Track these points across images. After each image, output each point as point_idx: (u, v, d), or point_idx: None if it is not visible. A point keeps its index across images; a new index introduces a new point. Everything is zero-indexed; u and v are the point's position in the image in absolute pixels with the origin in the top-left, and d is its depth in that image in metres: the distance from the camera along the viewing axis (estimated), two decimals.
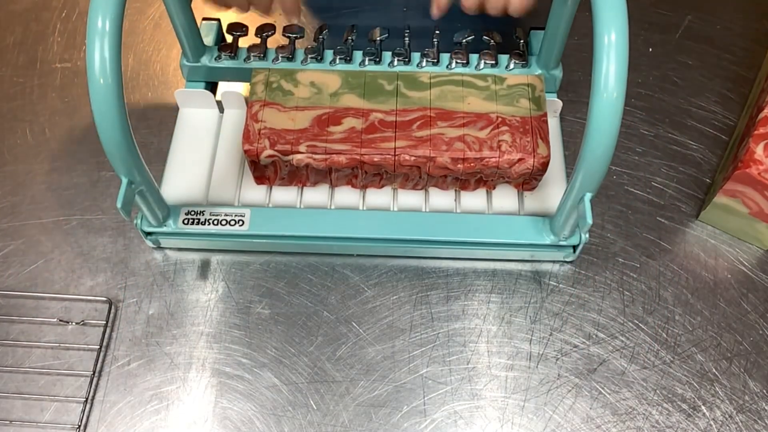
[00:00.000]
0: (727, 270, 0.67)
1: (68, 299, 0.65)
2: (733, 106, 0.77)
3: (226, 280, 0.66)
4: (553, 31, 0.67)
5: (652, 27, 0.83)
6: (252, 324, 0.64)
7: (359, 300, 0.65)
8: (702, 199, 0.71)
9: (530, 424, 0.60)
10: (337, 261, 0.67)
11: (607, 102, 0.49)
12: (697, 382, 0.61)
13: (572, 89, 0.75)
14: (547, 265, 0.67)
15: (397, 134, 0.63)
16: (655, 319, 0.64)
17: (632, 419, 0.60)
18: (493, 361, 0.62)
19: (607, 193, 0.71)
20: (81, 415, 0.59)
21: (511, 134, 0.63)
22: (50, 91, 0.78)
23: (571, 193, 0.57)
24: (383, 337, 0.63)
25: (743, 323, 0.64)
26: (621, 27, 0.47)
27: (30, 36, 0.82)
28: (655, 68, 0.79)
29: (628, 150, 0.74)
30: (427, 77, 0.66)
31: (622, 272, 0.67)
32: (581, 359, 0.62)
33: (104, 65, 0.49)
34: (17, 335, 0.63)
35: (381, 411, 0.60)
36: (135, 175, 0.56)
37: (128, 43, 0.81)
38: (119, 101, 0.51)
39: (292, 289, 0.66)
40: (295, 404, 0.60)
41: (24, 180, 0.72)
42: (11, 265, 0.67)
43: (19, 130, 0.75)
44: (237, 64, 0.73)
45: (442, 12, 0.61)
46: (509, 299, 0.65)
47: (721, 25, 0.83)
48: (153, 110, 0.76)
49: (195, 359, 0.62)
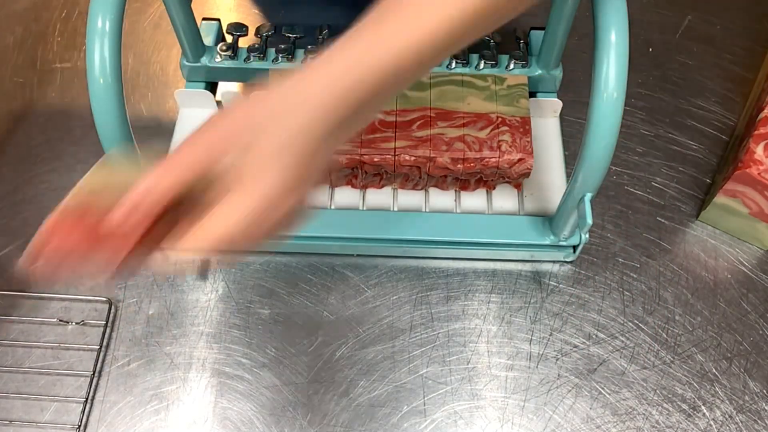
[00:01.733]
0: (727, 270, 0.67)
1: (68, 299, 0.65)
2: (733, 106, 0.77)
3: (226, 280, 0.66)
4: (553, 31, 0.67)
5: (652, 27, 0.83)
6: (252, 324, 0.64)
7: (359, 300, 0.65)
8: (702, 199, 0.71)
9: (530, 424, 0.60)
10: (337, 261, 0.67)
11: (607, 102, 0.49)
12: (697, 382, 0.61)
13: (572, 89, 0.75)
14: (547, 265, 0.67)
15: (397, 134, 0.63)
16: (655, 319, 0.64)
17: (632, 419, 0.60)
18: (493, 361, 0.62)
19: (607, 193, 0.71)
20: (81, 415, 0.59)
21: (511, 134, 0.63)
22: (50, 91, 0.78)
23: (571, 193, 0.57)
24: (383, 337, 0.63)
25: (743, 323, 0.64)
26: (621, 27, 0.48)
27: (30, 36, 0.82)
28: (655, 68, 0.79)
29: (628, 150, 0.74)
30: (427, 77, 0.66)
31: (622, 272, 0.67)
32: (581, 359, 0.62)
33: (104, 65, 0.49)
34: (17, 335, 0.63)
35: (381, 411, 0.60)
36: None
37: (128, 43, 0.81)
38: (119, 101, 0.51)
39: (292, 289, 0.66)
40: (295, 404, 0.60)
41: (24, 180, 0.72)
42: (11, 265, 0.67)
43: (19, 129, 0.75)
44: (237, 64, 0.73)
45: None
46: (509, 299, 0.65)
47: (721, 25, 0.83)
48: (153, 110, 0.76)
49: (195, 359, 0.62)
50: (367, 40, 0.40)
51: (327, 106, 0.39)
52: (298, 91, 0.39)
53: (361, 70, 0.39)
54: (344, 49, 0.40)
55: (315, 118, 0.39)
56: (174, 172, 0.38)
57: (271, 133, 0.38)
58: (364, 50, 0.39)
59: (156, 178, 0.38)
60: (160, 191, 0.38)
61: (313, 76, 0.40)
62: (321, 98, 0.39)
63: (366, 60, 0.39)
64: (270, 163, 0.38)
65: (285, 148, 0.38)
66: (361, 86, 0.39)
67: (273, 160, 0.38)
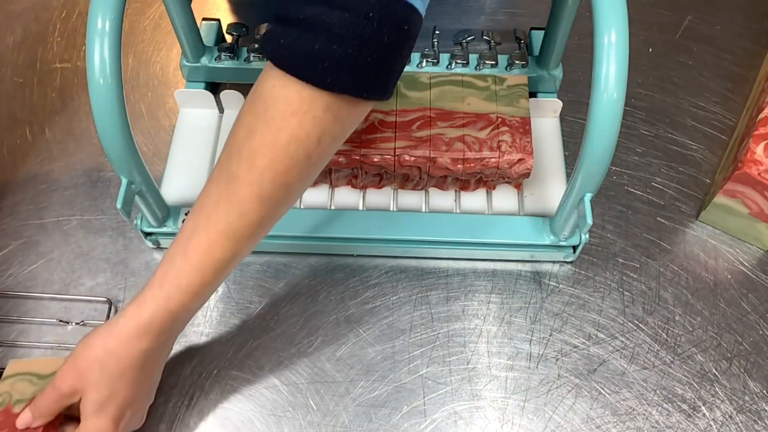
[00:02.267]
0: (727, 270, 0.67)
1: (68, 299, 0.65)
2: (733, 106, 0.77)
3: (226, 280, 0.66)
4: (553, 31, 0.67)
5: (652, 27, 0.83)
6: (252, 324, 0.64)
7: (359, 300, 0.65)
8: (702, 199, 0.71)
9: (530, 425, 0.60)
10: (337, 261, 0.67)
11: (607, 102, 0.49)
12: (697, 382, 0.61)
13: (572, 89, 0.75)
14: (547, 265, 0.67)
15: (397, 134, 0.63)
16: (655, 319, 0.64)
17: (632, 419, 0.60)
18: (493, 362, 0.62)
19: (607, 193, 0.71)
20: None
21: (511, 134, 0.63)
22: (50, 91, 0.78)
23: (571, 193, 0.57)
24: (383, 337, 0.63)
25: (743, 323, 0.64)
26: (621, 27, 0.47)
27: (30, 36, 0.82)
28: (655, 68, 0.79)
29: (628, 150, 0.74)
30: (426, 77, 0.66)
31: (622, 272, 0.67)
32: (581, 360, 0.62)
33: (104, 65, 0.49)
34: (17, 335, 0.63)
35: (381, 411, 0.60)
36: (135, 175, 0.56)
37: (128, 43, 0.81)
38: (119, 101, 0.51)
39: (292, 289, 0.66)
40: (295, 404, 0.60)
41: (24, 180, 0.72)
42: (11, 265, 0.67)
43: (19, 130, 0.75)
44: (237, 64, 0.73)
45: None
46: (509, 299, 0.65)
47: (721, 25, 0.83)
48: (153, 110, 0.76)
49: (195, 359, 0.62)
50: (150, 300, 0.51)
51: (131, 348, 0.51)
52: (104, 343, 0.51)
53: (145, 320, 0.51)
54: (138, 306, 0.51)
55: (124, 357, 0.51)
56: (44, 414, 0.53)
57: (94, 384, 0.51)
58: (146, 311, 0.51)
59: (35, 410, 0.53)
60: (43, 414, 0.53)
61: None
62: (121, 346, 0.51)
63: (147, 315, 0.51)
64: (96, 408, 0.52)
65: (106, 397, 0.52)
66: (152, 328, 0.51)
67: (98, 406, 0.52)
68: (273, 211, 0.49)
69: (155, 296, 0.50)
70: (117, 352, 0.51)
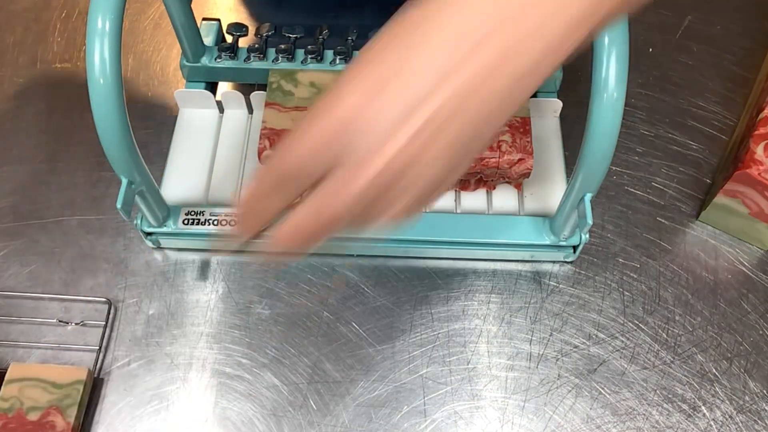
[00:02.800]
0: (727, 270, 0.67)
1: (68, 299, 0.65)
2: (733, 106, 0.77)
3: (226, 280, 0.66)
4: None
5: (652, 27, 0.83)
6: (252, 324, 0.64)
7: (359, 300, 0.65)
8: (702, 199, 0.71)
9: (530, 425, 0.60)
10: (337, 261, 0.67)
11: (607, 102, 0.49)
12: (697, 382, 0.61)
13: (572, 89, 0.75)
14: (547, 265, 0.67)
15: None
16: (655, 319, 0.64)
17: (632, 419, 0.60)
18: (493, 362, 0.62)
19: (607, 193, 0.71)
20: None
21: (511, 134, 0.63)
22: (50, 91, 0.78)
23: (571, 194, 0.57)
24: (383, 337, 0.63)
25: (743, 323, 0.64)
26: (621, 27, 0.47)
27: (30, 36, 0.82)
28: (655, 68, 0.79)
29: (628, 150, 0.74)
30: None
31: (622, 272, 0.67)
32: (581, 359, 0.62)
33: (104, 65, 0.49)
34: (17, 335, 0.63)
35: (381, 411, 0.60)
36: (135, 175, 0.56)
37: (128, 43, 0.81)
38: (119, 101, 0.51)
39: (292, 289, 0.66)
40: (295, 404, 0.60)
41: (24, 180, 0.72)
42: (11, 265, 0.67)
43: (19, 129, 0.75)
44: (237, 64, 0.73)
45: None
46: (509, 299, 0.65)
47: (721, 25, 0.83)
48: (153, 110, 0.76)
49: (195, 359, 0.62)
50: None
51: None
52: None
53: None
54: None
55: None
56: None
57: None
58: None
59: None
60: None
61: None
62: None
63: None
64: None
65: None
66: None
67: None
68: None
69: None
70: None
